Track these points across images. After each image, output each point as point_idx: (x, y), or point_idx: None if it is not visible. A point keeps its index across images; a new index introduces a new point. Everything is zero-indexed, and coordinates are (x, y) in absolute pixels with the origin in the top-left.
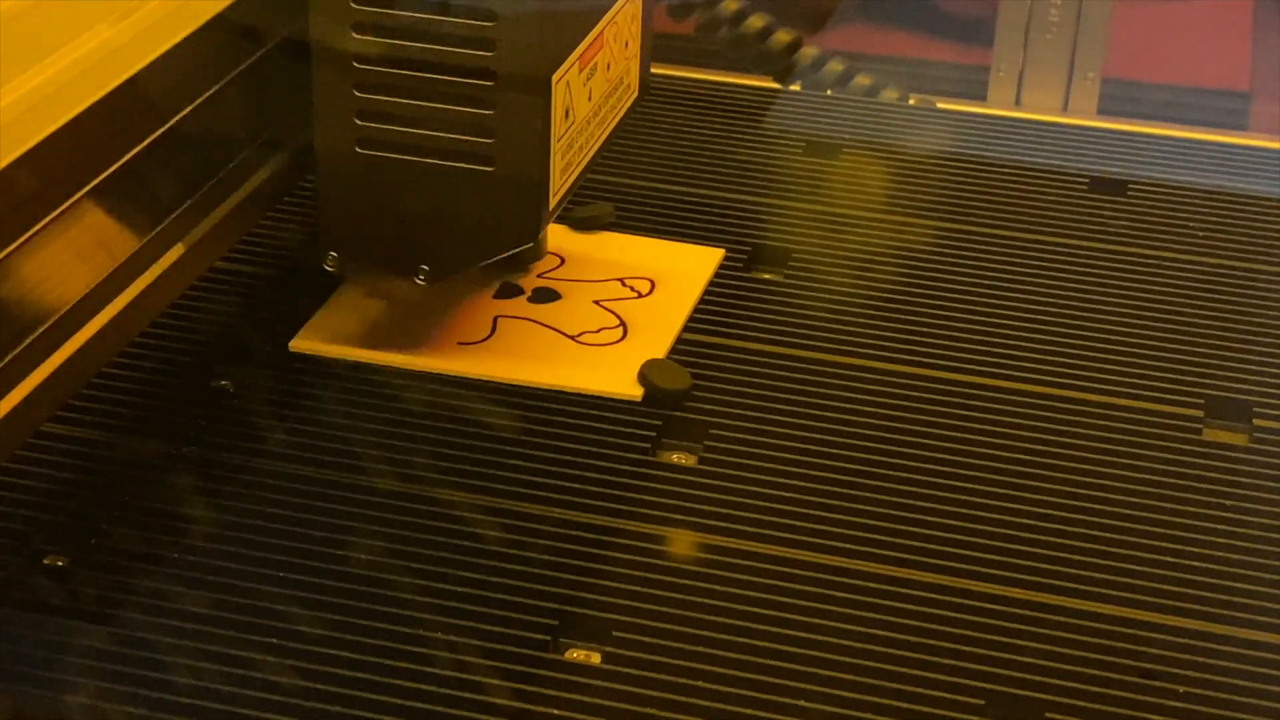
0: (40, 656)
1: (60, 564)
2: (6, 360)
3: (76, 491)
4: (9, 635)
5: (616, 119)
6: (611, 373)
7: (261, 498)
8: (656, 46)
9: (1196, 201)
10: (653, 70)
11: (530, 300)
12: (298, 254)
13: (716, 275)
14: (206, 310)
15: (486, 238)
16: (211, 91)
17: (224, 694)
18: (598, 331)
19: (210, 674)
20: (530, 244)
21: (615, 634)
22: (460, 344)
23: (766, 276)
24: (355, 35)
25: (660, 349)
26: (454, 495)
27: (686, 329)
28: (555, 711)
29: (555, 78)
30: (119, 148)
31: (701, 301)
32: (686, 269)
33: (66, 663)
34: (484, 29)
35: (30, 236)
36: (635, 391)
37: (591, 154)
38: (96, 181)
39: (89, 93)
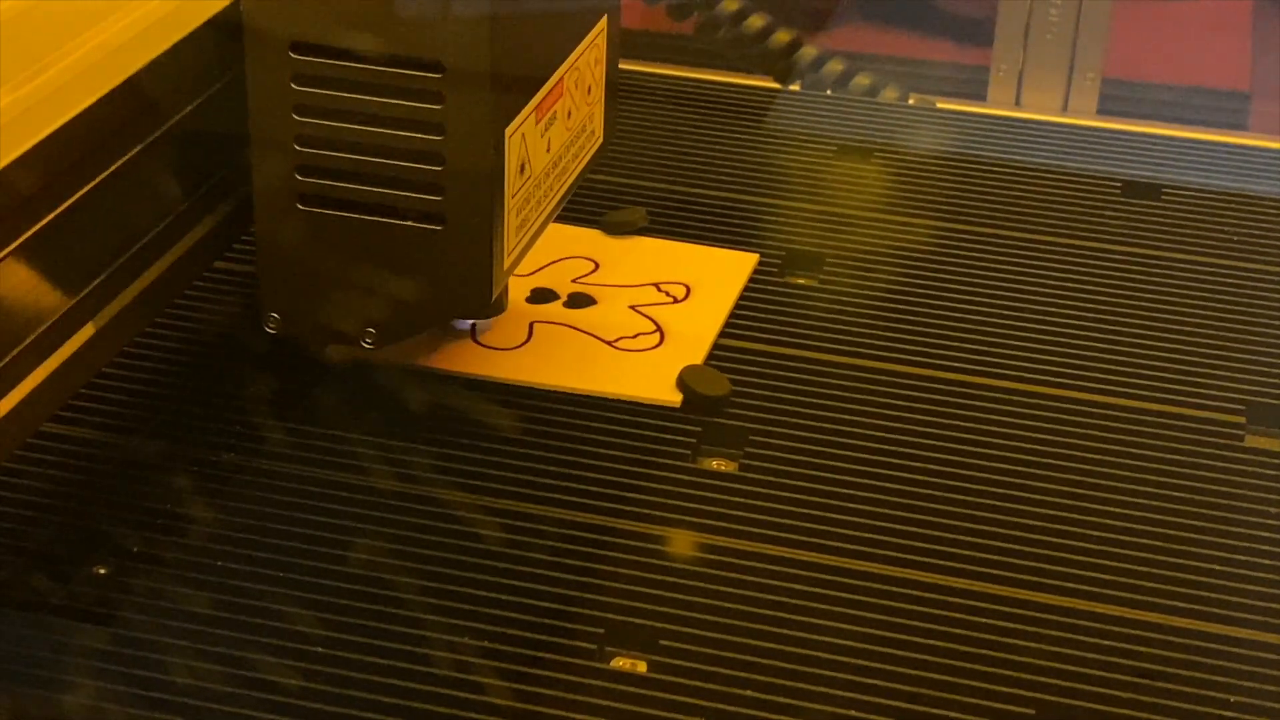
0: (40, 656)
1: (103, 572)
2: (6, 360)
3: (76, 491)
4: (9, 635)
5: (580, 167)
6: (650, 379)
7: (276, 500)
8: (657, 47)
9: (1195, 202)
10: (653, 70)
11: (566, 305)
12: None
13: (751, 280)
14: (206, 310)
15: (436, 300)
16: (211, 91)
17: (224, 694)
18: (635, 337)
19: (210, 674)
20: (481, 309)
21: (662, 642)
22: (497, 349)
23: (801, 281)
24: (295, 86)
25: (698, 355)
26: (496, 502)
27: (723, 334)
28: None
29: (509, 130)
30: (119, 148)
31: (737, 307)
32: (722, 274)
33: (66, 663)
34: (432, 80)
35: (30, 236)
36: (674, 398)
37: (551, 206)
38: (96, 181)
39: (89, 93)
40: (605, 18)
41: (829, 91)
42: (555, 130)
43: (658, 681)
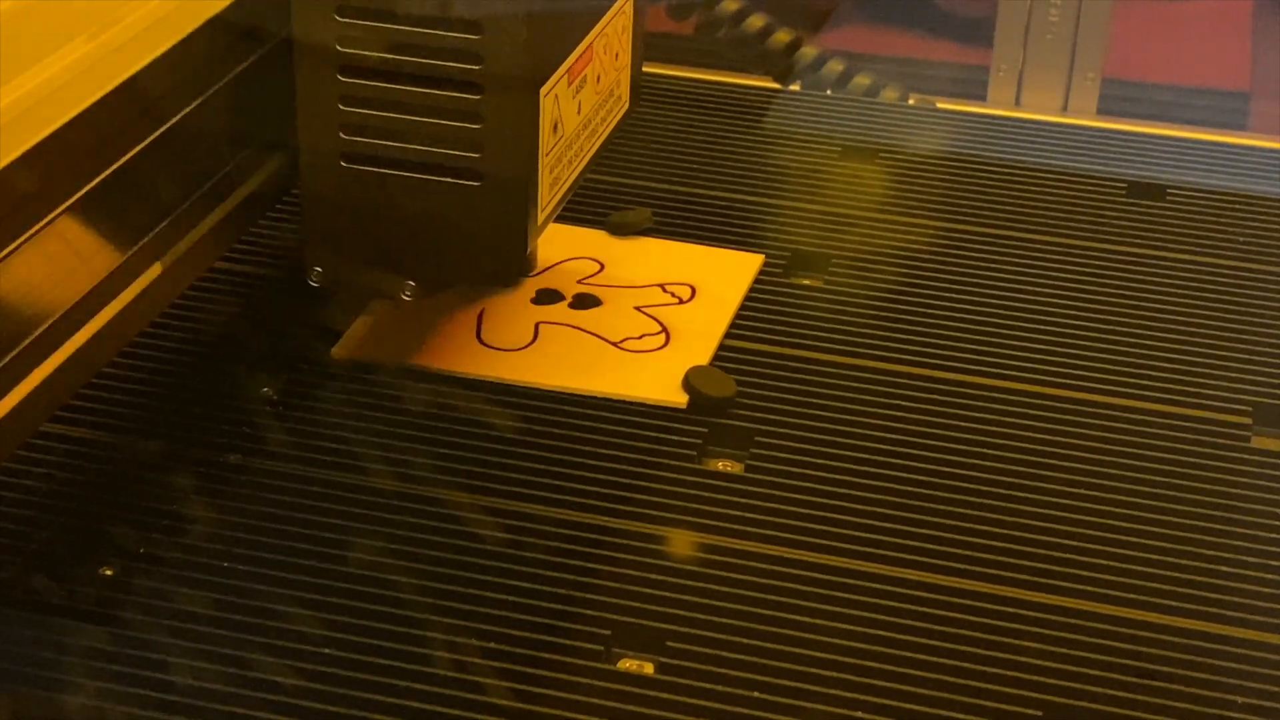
0: (40, 656)
1: (109, 573)
2: (6, 360)
3: (76, 491)
4: (9, 635)
5: (607, 130)
6: (655, 379)
7: (276, 500)
8: (657, 47)
9: (1196, 202)
10: (653, 70)
11: (571, 306)
12: (297, 255)
13: (757, 281)
14: (206, 310)
15: (474, 253)
16: (211, 91)
17: (224, 694)
18: (640, 338)
19: (210, 674)
20: (518, 261)
21: (668, 644)
22: (502, 350)
23: (806, 282)
24: (340, 48)
25: (703, 356)
26: (500, 503)
27: (729, 335)
28: None
29: (543, 91)
30: (118, 148)
31: (742, 307)
32: (727, 275)
33: (66, 663)
34: (471, 41)
35: (30, 236)
36: (680, 399)
37: (582, 167)
38: (96, 182)
39: (89, 93)
40: None
41: (829, 91)
42: (585, 93)
43: (664, 683)
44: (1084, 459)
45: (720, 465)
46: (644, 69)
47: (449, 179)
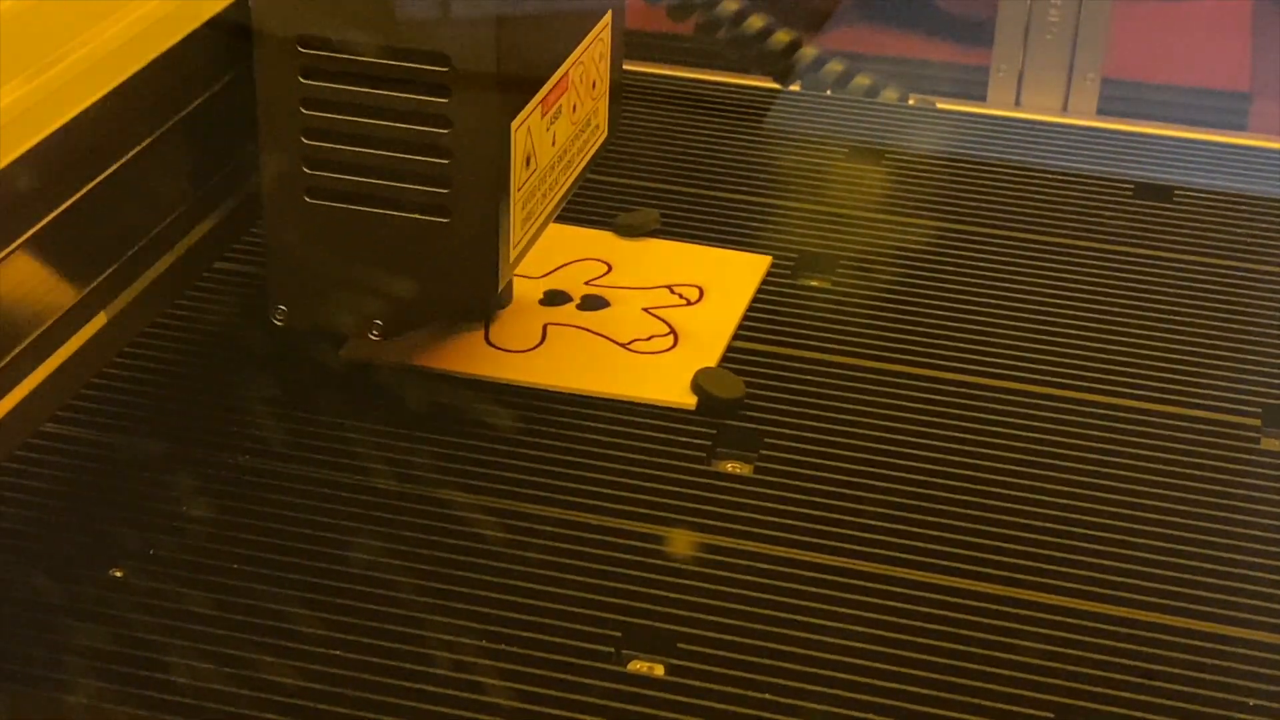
0: (40, 656)
1: (119, 575)
2: (6, 360)
3: (77, 491)
4: (9, 635)
5: (585, 161)
6: (664, 381)
7: (273, 499)
8: (656, 47)
9: (1199, 203)
10: (653, 71)
11: (579, 308)
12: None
13: (764, 282)
14: (206, 310)
15: (443, 292)
16: (211, 91)
17: (224, 694)
18: (648, 339)
19: (210, 674)
20: (488, 299)
21: (679, 645)
22: (510, 351)
23: (814, 283)
24: (302, 79)
25: (712, 357)
26: (508, 504)
27: (737, 337)
28: None
29: (514, 124)
30: (119, 148)
31: (750, 309)
32: (734, 276)
33: (66, 663)
34: (438, 74)
35: (30, 236)
36: (689, 400)
37: (557, 200)
38: (96, 181)
39: (89, 93)
40: (610, 14)
41: (829, 92)
42: (560, 124)
43: (674, 685)
44: (1093, 460)
45: (729, 467)
46: (644, 69)
47: (416, 215)
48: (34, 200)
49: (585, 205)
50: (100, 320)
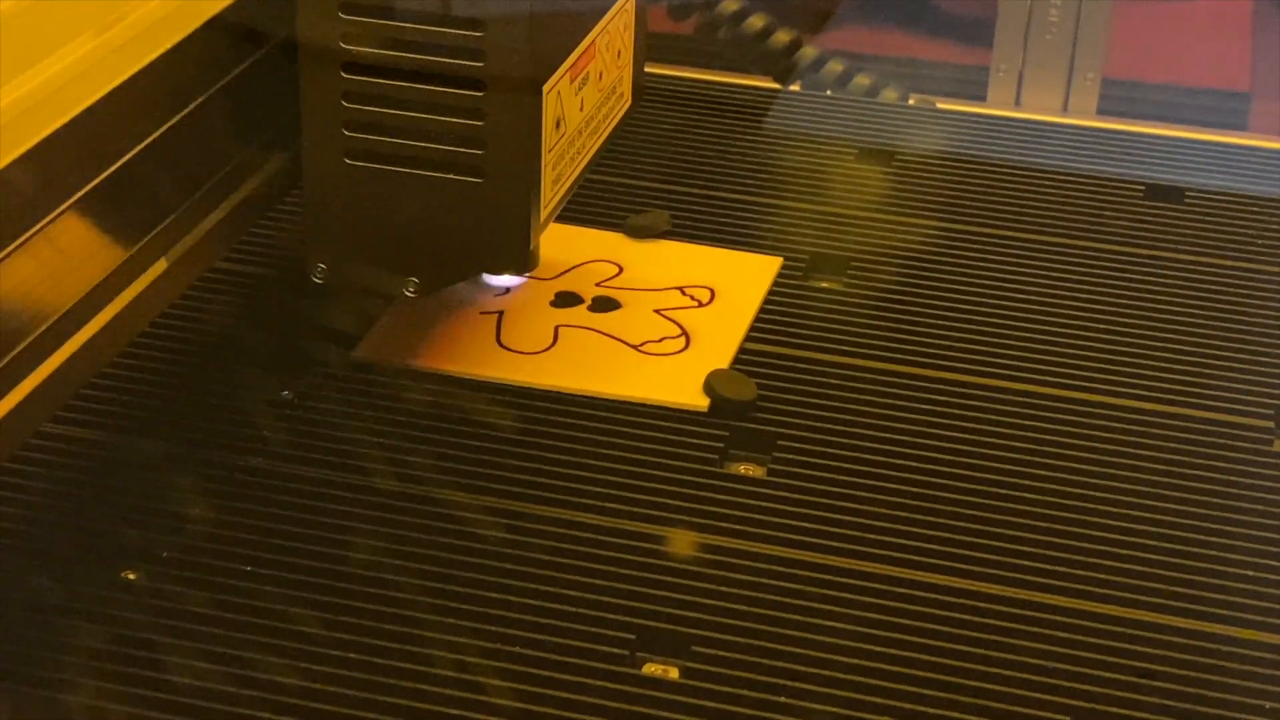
0: (40, 656)
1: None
2: (6, 360)
3: (77, 491)
4: (9, 635)
5: (610, 128)
6: (676, 383)
7: (268, 498)
8: (656, 47)
9: (1196, 203)
10: (654, 71)
11: (590, 309)
12: (298, 255)
13: (775, 284)
14: (206, 310)
15: (476, 250)
16: (211, 91)
17: (224, 694)
18: (660, 341)
19: (210, 674)
20: (519, 260)
21: (694, 648)
22: (522, 353)
23: (825, 285)
24: (343, 45)
25: (724, 359)
26: (520, 506)
27: (748, 338)
28: None
29: (546, 87)
30: (119, 148)
31: (761, 310)
32: (746, 277)
33: (66, 663)
34: (474, 38)
35: (30, 236)
36: (701, 402)
37: (584, 164)
38: (96, 181)
39: (89, 93)
40: None
41: (829, 92)
42: (588, 91)
43: (689, 688)
44: (1101, 462)
45: (742, 469)
46: (644, 69)
47: (452, 175)
48: (34, 200)
49: (595, 206)
50: (101, 319)
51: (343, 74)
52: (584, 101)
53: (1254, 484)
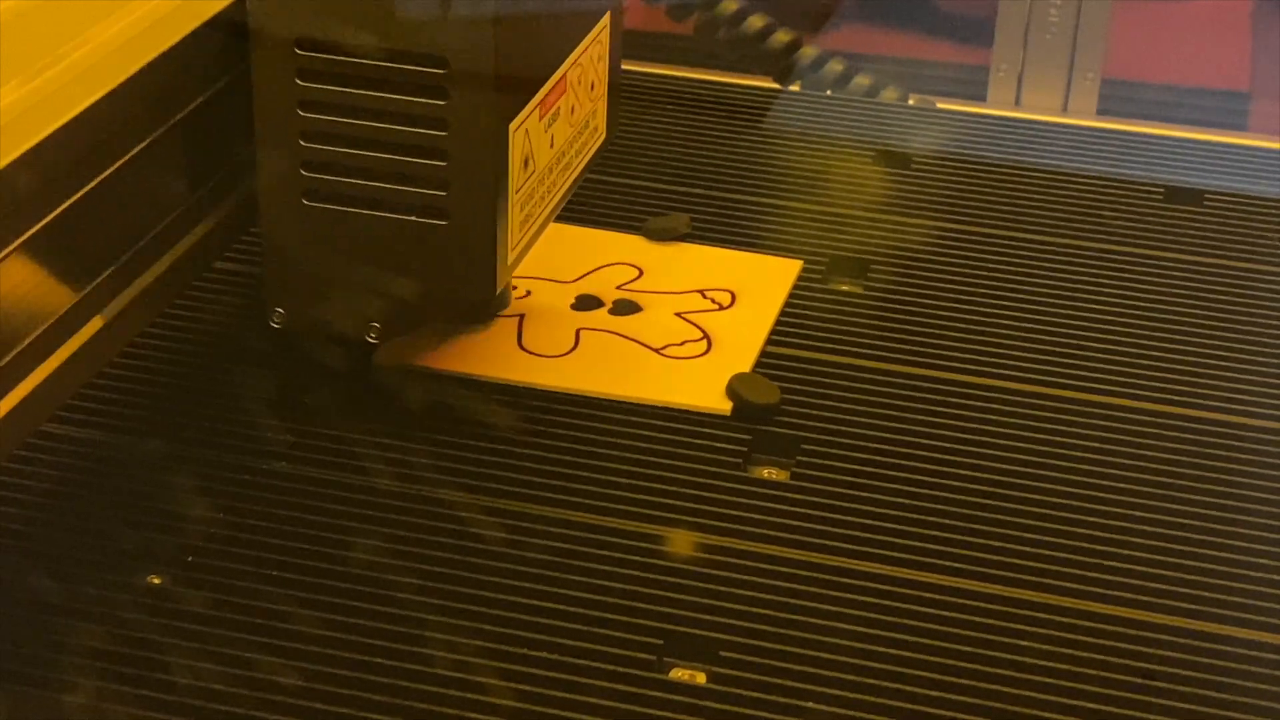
0: (40, 656)
1: (157, 582)
2: (6, 360)
3: (77, 492)
4: (9, 635)
5: (583, 163)
6: (699, 386)
7: (270, 499)
8: (656, 47)
9: (1197, 203)
10: (653, 70)
11: (611, 313)
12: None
13: (796, 287)
14: (206, 310)
15: (441, 294)
16: (212, 91)
17: (224, 694)
18: (681, 344)
19: (210, 674)
20: (486, 301)
21: (721, 653)
22: (544, 356)
23: (845, 288)
24: (300, 82)
25: (745, 362)
26: (544, 510)
27: (770, 342)
28: None
29: (512, 126)
30: (119, 148)
31: (782, 314)
32: (766, 280)
33: (66, 663)
34: (436, 76)
35: (30, 236)
36: (724, 405)
37: (555, 202)
38: (97, 181)
39: (89, 93)
40: (608, 14)
41: (829, 92)
42: (559, 126)
43: (717, 693)
44: (1122, 465)
45: (766, 473)
46: (643, 69)
47: (414, 218)
48: (34, 200)
49: (613, 209)
50: (100, 320)
51: (299, 112)
52: (554, 138)
53: (1254, 484)
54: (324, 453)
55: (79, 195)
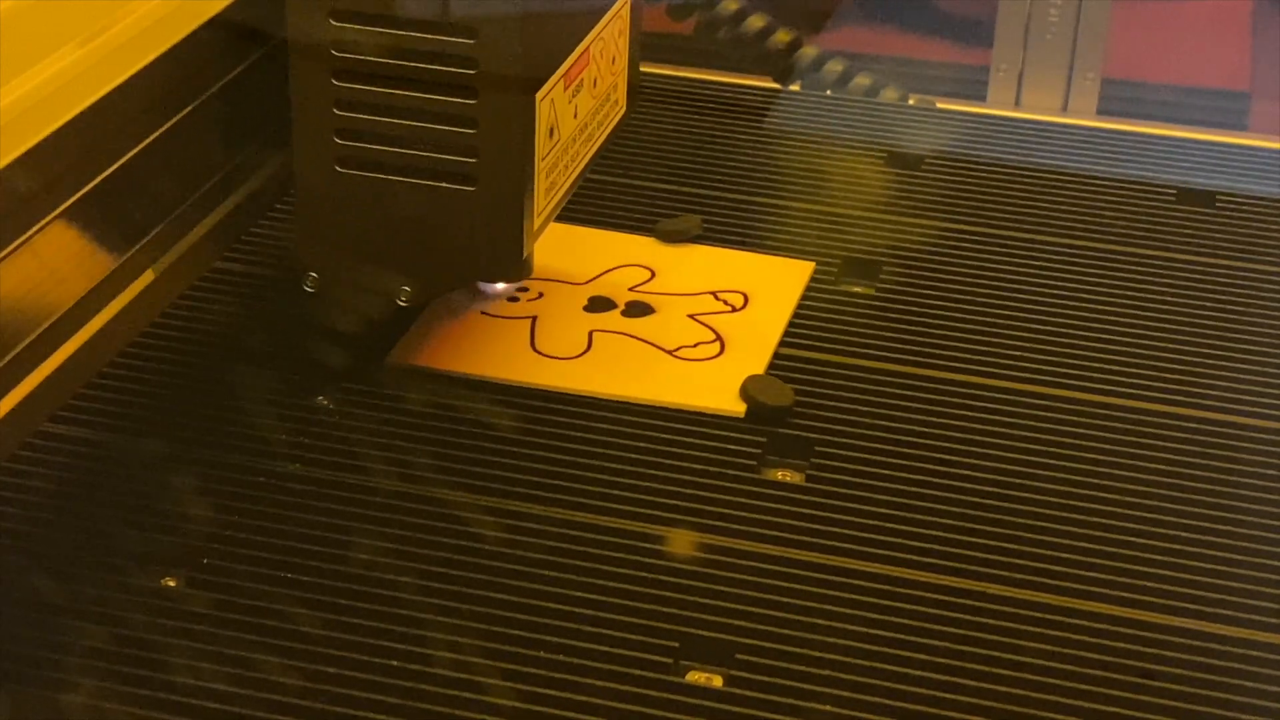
0: (40, 656)
1: (172, 584)
2: (6, 360)
3: (77, 491)
4: (9, 635)
5: (605, 134)
6: (712, 388)
7: (277, 501)
8: (656, 47)
9: (1197, 203)
10: (653, 71)
11: (624, 314)
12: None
13: (808, 288)
14: (206, 310)
15: (469, 258)
16: (211, 91)
17: (224, 694)
18: (695, 346)
19: (210, 674)
20: (512, 268)
21: (738, 656)
22: (557, 358)
23: (858, 290)
24: (334, 52)
25: (759, 364)
26: (556, 512)
27: (783, 343)
28: None
29: (539, 95)
30: (119, 147)
31: (795, 315)
32: (778, 282)
33: (66, 663)
34: (466, 45)
35: (30, 236)
36: (738, 407)
37: (578, 171)
38: (97, 181)
39: (89, 93)
40: None
41: (829, 92)
42: (582, 98)
43: (733, 695)
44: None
45: (780, 475)
46: (644, 69)
47: (444, 184)
48: (34, 199)
49: (625, 210)
50: (101, 319)
51: (334, 81)
52: (578, 108)
53: (1254, 484)
54: (333, 454)
55: (79, 195)
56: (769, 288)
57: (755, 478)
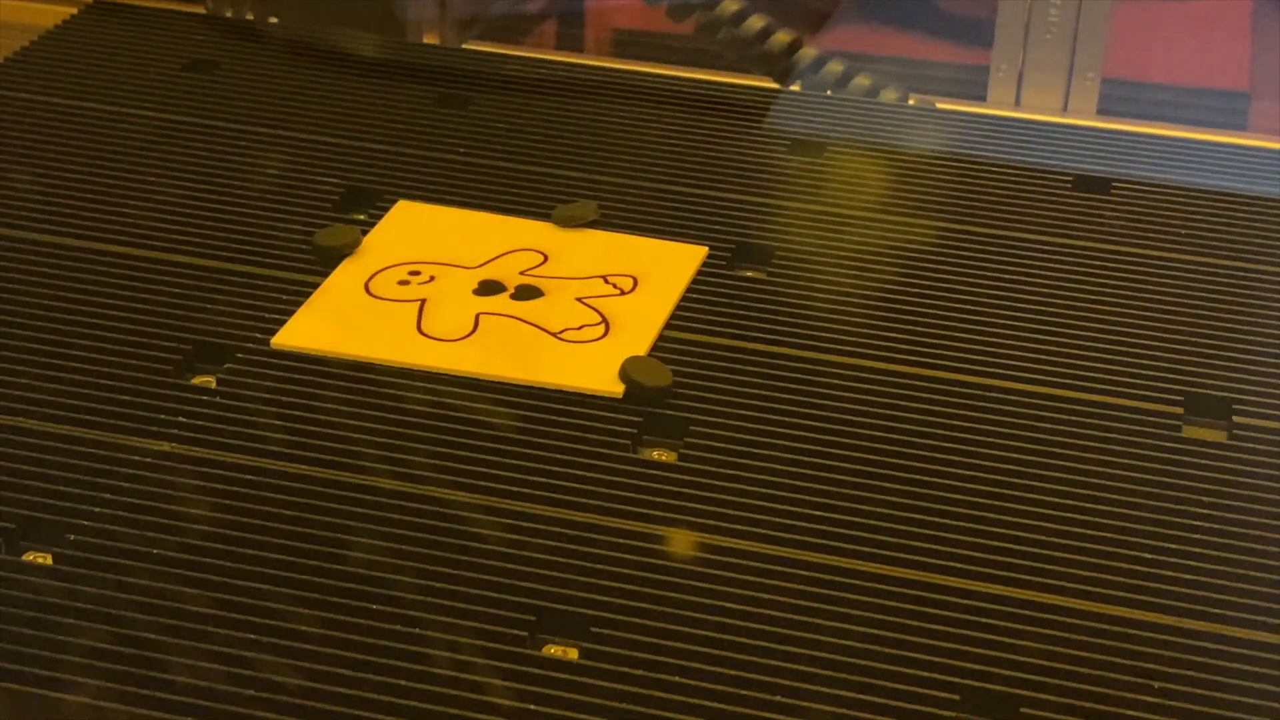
0: (40, 656)
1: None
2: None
3: (77, 491)
4: (9, 635)
5: None
6: (593, 370)
7: (261, 497)
8: (656, 47)
9: (1193, 202)
10: (653, 70)
11: (513, 298)
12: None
13: (700, 273)
14: (204, 310)
15: None
16: None
17: (224, 694)
18: (579, 329)
19: (210, 674)
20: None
21: (593, 629)
22: (442, 340)
23: (750, 274)
24: None
25: (642, 346)
26: (437, 491)
27: (668, 326)
28: (533, 707)
29: None
30: None
31: (684, 299)
32: (669, 266)
33: (66, 663)
34: None
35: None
36: (616, 388)
37: None
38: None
39: None
40: None
41: (829, 92)
42: None
43: (589, 668)
44: (1063, 454)
45: (655, 454)
46: (644, 69)
47: None
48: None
49: (524, 196)
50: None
51: None
52: None
53: (1254, 484)
54: (211, 433)
55: None
56: (659, 271)
57: (630, 457)
